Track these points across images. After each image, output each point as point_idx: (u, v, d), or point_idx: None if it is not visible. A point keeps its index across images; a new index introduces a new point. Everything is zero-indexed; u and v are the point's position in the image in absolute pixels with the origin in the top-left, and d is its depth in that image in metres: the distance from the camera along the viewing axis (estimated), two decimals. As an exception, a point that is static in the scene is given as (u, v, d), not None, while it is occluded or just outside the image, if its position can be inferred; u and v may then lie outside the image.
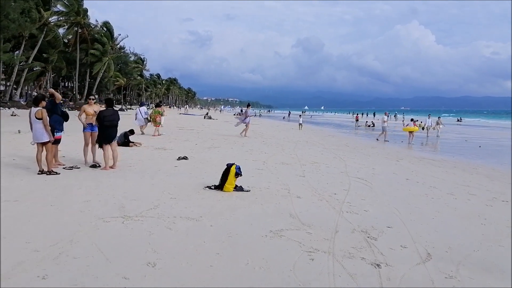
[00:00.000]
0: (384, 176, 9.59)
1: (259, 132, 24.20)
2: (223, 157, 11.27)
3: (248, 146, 14.78)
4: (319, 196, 6.73)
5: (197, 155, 11.27)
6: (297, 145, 16.52)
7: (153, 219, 4.91)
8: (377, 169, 10.64)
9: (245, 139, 17.97)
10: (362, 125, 43.78)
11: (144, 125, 18.35)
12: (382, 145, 19.67)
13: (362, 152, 15.29)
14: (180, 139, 16.29)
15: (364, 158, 13.36)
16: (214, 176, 7.57)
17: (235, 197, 6.28)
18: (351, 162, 11.83)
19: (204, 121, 36.95)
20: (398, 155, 14.93)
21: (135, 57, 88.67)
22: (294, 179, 8.33)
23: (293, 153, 13.34)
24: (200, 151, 12.46)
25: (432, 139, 25.79)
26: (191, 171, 8.51)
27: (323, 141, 20.20)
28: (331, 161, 11.93)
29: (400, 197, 7.19)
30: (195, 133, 20.17)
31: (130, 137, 12.99)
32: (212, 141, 16.29)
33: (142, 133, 17.82)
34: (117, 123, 8.36)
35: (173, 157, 10.54)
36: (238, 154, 12.11)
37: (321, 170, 9.78)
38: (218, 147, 13.84)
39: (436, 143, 23.21)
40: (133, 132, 13.00)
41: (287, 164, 10.59)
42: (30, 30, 41.98)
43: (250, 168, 9.41)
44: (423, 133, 28.02)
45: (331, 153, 14.27)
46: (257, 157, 11.61)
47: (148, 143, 14.06)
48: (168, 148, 12.72)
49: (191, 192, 6.50)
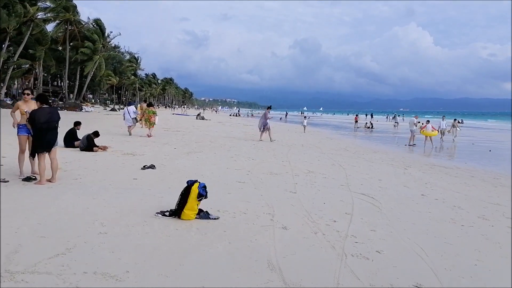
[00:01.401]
0: (394, 190, 7.81)
1: (251, 134, 22.41)
2: (201, 165, 9.47)
3: (235, 151, 12.98)
4: (313, 225, 4.94)
5: (169, 163, 9.46)
6: (291, 149, 14.74)
7: (44, 279, 3.09)
8: (384, 181, 8.87)
9: (235, 142, 16.20)
10: (361, 126, 42.05)
11: (132, 125, 17.13)
12: (385, 149, 17.91)
13: (363, 158, 13.53)
14: (159, 142, 14.48)
15: (366, 165, 11.60)
16: (179, 193, 5.78)
17: (195, 230, 4.48)
18: (353, 171, 10.05)
19: (195, 122, 35.15)
20: (404, 161, 13.17)
21: (130, 56, 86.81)
22: (283, 196, 6.54)
23: (285, 159, 11.56)
24: (175, 157, 10.65)
25: (446, 143, 23.77)
26: (151, 186, 6.70)
27: (321, 144, 18.43)
28: (329, 169, 10.15)
29: (421, 224, 5.41)
30: (179, 135, 18.36)
31: (95, 139, 11.17)
32: (195, 144, 14.48)
33: (129, 134, 16.61)
34: (56, 124, 6.54)
35: (140, 165, 8.74)
36: (220, 161, 10.32)
37: (317, 183, 7.99)
38: (200, 152, 12.04)
39: (450, 148, 21.34)
40: (98, 134, 11.18)
41: (277, 174, 8.79)
42: (15, 26, 40.11)
43: (230, 180, 7.62)
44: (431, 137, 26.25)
45: (329, 159, 12.50)
46: (241, 165, 9.81)
47: (120, 146, 12.26)
48: (139, 153, 10.91)
49: (136, 220, 4.69)
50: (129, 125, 17.04)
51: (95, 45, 53.19)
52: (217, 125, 32.82)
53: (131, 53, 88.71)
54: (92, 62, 53.00)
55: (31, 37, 44.53)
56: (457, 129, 25.48)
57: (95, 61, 53.26)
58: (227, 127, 30.50)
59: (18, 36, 43.21)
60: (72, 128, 11.64)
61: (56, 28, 51.17)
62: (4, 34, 40.49)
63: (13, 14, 39.58)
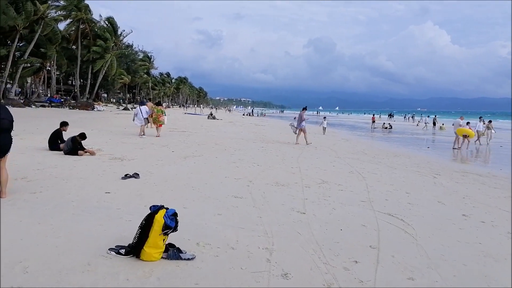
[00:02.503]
0: (427, 208, 6.32)
1: (261, 135, 21.02)
2: (195, 173, 8.12)
3: (239, 155, 11.62)
4: (326, 270, 3.53)
5: (159, 170, 8.14)
6: (303, 153, 13.30)
7: None
8: (412, 194, 7.37)
9: (242, 144, 14.84)
10: (379, 127, 40.21)
11: (144, 125, 16.39)
12: (406, 152, 16.27)
13: (384, 163, 12.00)
14: (158, 144, 13.22)
15: (389, 172, 10.08)
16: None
17: (155, 281, 3.11)
18: (374, 180, 8.58)
19: (205, 122, 33.93)
20: (431, 168, 11.60)
21: (143, 55, 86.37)
22: (287, 219, 5.13)
23: (295, 165, 10.14)
24: (169, 162, 9.33)
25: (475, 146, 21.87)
26: (123, 204, 5.37)
27: (336, 146, 16.91)
28: (346, 178, 8.68)
29: (474, 264, 3.94)
30: (184, 136, 17.09)
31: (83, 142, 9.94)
32: (197, 147, 13.17)
33: (143, 134, 15.87)
34: (8, 126, 5.26)
35: (124, 172, 7.45)
36: (219, 168, 8.96)
37: (331, 198, 6.55)
38: (199, 156, 10.71)
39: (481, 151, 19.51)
40: (85, 136, 9.94)
41: (283, 185, 7.38)
42: (25, 24, 39.61)
43: (224, 194, 6.25)
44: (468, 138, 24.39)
45: (346, 164, 11.02)
46: (243, 173, 8.42)
47: (113, 149, 11.04)
48: (130, 158, 9.63)
49: (77, 261, 3.35)
50: (141, 125, 16.36)
51: (107, 44, 52.50)
52: (228, 125, 31.52)
53: (145, 51, 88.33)
54: (103, 60, 52.28)
55: (42, 36, 44.05)
56: (492, 131, 23.52)
57: (106, 59, 52.52)
58: (237, 127, 29.19)
59: (30, 34, 42.73)
60: (58, 129, 10.46)
61: (68, 27, 50.67)
62: (14, 32, 40.04)
63: (23, 12, 39.09)
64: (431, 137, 30.14)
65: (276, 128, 30.89)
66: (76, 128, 19.08)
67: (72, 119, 26.72)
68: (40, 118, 24.29)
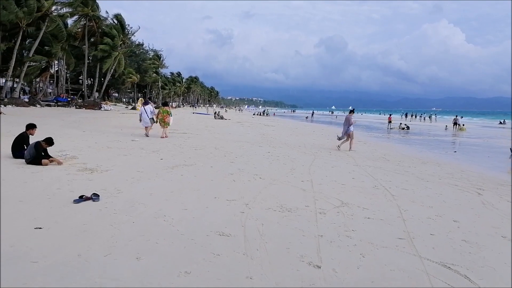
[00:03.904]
0: (493, 251, 4.43)
1: (270, 137, 19.19)
2: (177, 191, 6.34)
3: (240, 163, 9.81)
4: None
5: (131, 187, 6.39)
6: (316, 160, 11.45)
7: None
8: (463, 223, 5.49)
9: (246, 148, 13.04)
10: (395, 127, 38.03)
11: (150, 126, 15.77)
12: (434, 158, 14.25)
13: (412, 172, 10.09)
14: (148, 149, 11.51)
15: (421, 187, 8.18)
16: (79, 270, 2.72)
17: None
18: (406, 200, 6.70)
19: (211, 122, 32.22)
20: (468, 179, 9.64)
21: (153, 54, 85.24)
22: (294, 280, 3.32)
23: (306, 177, 8.31)
24: (151, 174, 7.58)
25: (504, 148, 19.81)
26: (49, 253, 3.62)
27: (353, 151, 14.99)
28: (370, 197, 6.82)
29: None
30: (182, 139, 15.36)
31: (48, 149, 8.25)
32: (193, 152, 11.43)
33: (147, 135, 15.48)
34: None
35: (87, 189, 5.73)
36: (211, 182, 7.16)
37: (356, 234, 4.68)
38: (191, 165, 8.93)
39: None
40: (51, 142, 8.24)
41: (290, 211, 5.54)
42: (28, 20, 38.47)
43: (206, 229, 4.46)
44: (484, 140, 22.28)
45: (368, 175, 9.14)
46: (240, 190, 6.62)
47: (91, 156, 9.38)
48: (104, 168, 7.91)
49: None
50: (146, 126, 15.77)
51: (114, 41, 51.21)
52: (235, 125, 29.76)
53: (155, 50, 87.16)
54: (110, 59, 51.01)
55: (47, 33, 42.95)
56: None
57: (113, 57, 51.22)
58: (245, 128, 27.39)
59: (35, 32, 41.62)
60: (23, 132, 8.80)
61: (74, 24, 49.51)
62: (17, 29, 38.93)
63: (26, 8, 37.96)
64: (453, 138, 27.93)
65: (286, 129, 29.00)
66: (69, 128, 17.58)
67: (72, 119, 25.35)
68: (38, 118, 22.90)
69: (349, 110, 16.03)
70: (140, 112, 16.32)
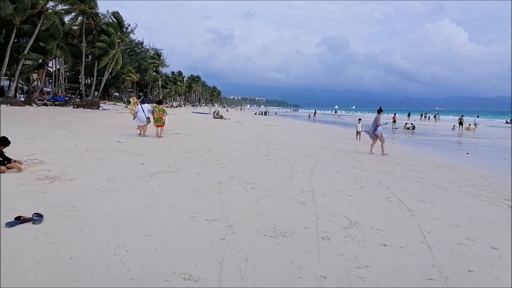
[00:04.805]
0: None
1: (269, 138, 18.01)
2: (148, 208, 5.17)
3: (231, 169, 8.62)
4: None
5: (91, 202, 5.22)
6: (318, 164, 10.28)
7: None
8: (502, 250, 4.32)
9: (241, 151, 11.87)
10: (400, 127, 36.82)
11: (145, 125, 15.49)
12: (447, 161, 13.02)
13: (426, 179, 8.89)
14: (130, 152, 10.36)
15: (441, 197, 6.99)
16: None
17: None
18: (427, 217, 5.52)
19: (209, 122, 31.07)
20: (491, 186, 8.43)
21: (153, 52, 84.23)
22: None
23: (307, 187, 7.13)
24: (122, 185, 6.41)
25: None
26: None
27: (358, 152, 13.81)
28: (384, 213, 5.63)
29: None
30: (173, 141, 14.21)
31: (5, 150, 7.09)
32: (181, 156, 10.27)
33: (141, 134, 15.20)
34: None
35: (38, 204, 4.60)
36: (192, 194, 5.99)
37: (371, 271, 3.48)
38: (174, 172, 7.77)
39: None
40: (7, 142, 7.08)
41: (284, 235, 4.34)
42: (22, 17, 37.39)
43: (169, 268, 3.29)
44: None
45: (377, 183, 7.94)
46: (225, 206, 5.44)
47: (60, 162, 8.24)
48: (70, 176, 6.76)
49: None
50: (142, 125, 15.43)
51: (111, 38, 50.09)
52: (234, 125, 28.60)
53: (156, 49, 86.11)
54: (107, 57, 49.88)
55: (43, 31, 41.88)
56: None
57: (110, 55, 50.09)
58: (244, 128, 26.22)
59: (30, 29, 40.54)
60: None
61: (71, 21, 48.42)
62: (11, 27, 37.84)
63: (20, 5, 36.88)
64: (461, 139, 26.67)
65: (287, 129, 27.81)
66: (56, 129, 16.45)
67: (65, 119, 24.23)
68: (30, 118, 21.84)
69: (378, 109, 14.40)
70: (137, 110, 15.66)
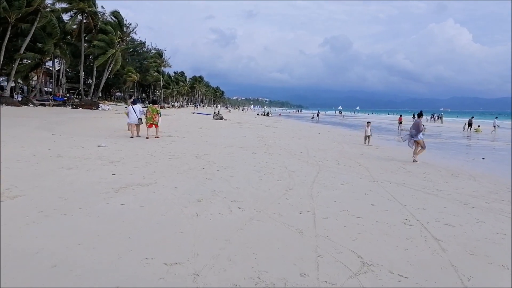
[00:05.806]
0: None
1: (268, 141, 16.74)
2: (92, 241, 3.90)
3: (218, 180, 7.36)
4: None
5: (24, 232, 3.98)
6: (321, 172, 9.00)
7: None
8: None
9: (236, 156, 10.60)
10: (406, 129, 35.41)
11: (137, 124, 15.08)
12: (464, 168, 11.69)
13: (447, 192, 7.60)
14: (107, 158, 9.12)
15: (471, 220, 5.70)
16: None
17: None
18: (459, 250, 4.25)
19: (208, 123, 29.83)
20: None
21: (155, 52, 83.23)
22: None
23: (307, 204, 5.86)
24: (78, 204, 5.17)
25: None
26: None
27: (365, 157, 12.51)
28: (404, 245, 4.36)
29: None
30: (162, 144, 12.97)
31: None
32: (165, 162, 9.03)
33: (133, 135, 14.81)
34: None
35: None
36: (160, 219, 4.74)
37: None
38: (149, 185, 6.51)
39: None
40: None
41: None
42: (17, 15, 36.37)
43: None
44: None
45: (391, 198, 6.65)
46: (197, 241, 4.19)
47: (18, 172, 7.03)
48: (16, 193, 5.52)
49: None
50: (133, 124, 15.02)
51: (109, 36, 48.99)
52: (233, 126, 27.34)
53: (158, 49, 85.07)
54: (105, 55, 48.76)
55: (40, 30, 40.88)
56: None
57: (108, 54, 48.97)
58: (244, 129, 24.95)
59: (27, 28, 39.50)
60: None
61: (70, 20, 47.39)
62: (6, 25, 36.82)
63: (16, 2, 35.86)
64: (472, 142, 25.30)
65: (289, 131, 26.52)
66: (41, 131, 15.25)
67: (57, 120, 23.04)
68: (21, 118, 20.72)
69: (418, 113, 12.99)
70: (128, 111, 15.39)
